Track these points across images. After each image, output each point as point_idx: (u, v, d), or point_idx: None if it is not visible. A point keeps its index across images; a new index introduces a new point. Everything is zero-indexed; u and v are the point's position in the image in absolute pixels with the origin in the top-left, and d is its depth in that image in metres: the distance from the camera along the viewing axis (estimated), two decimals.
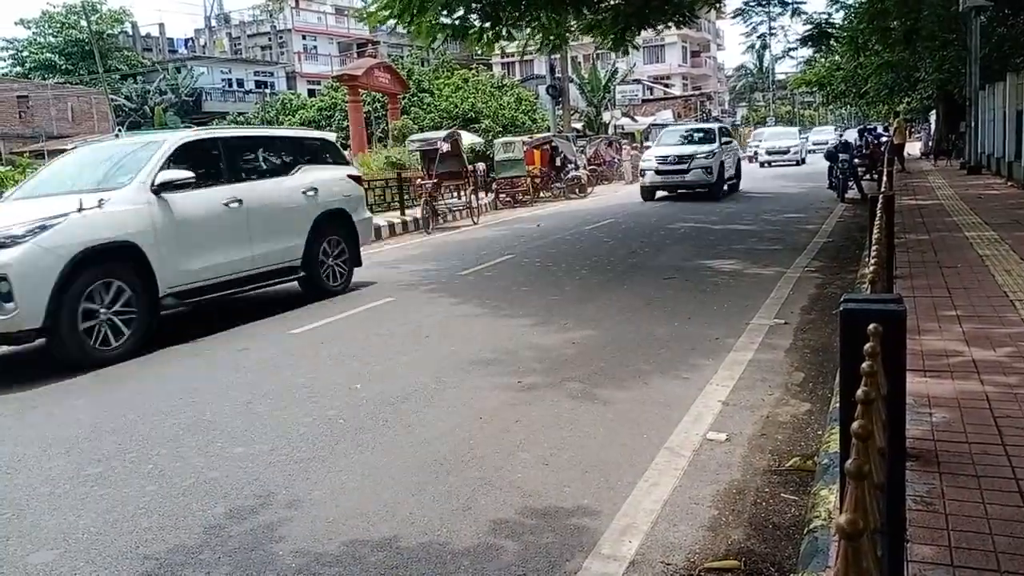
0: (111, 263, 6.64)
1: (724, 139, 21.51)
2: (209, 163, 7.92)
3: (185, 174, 7.31)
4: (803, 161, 35.59)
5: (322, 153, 9.69)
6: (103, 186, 7.09)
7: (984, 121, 19.98)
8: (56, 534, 3.48)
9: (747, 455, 4.00)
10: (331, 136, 10.57)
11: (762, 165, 35.75)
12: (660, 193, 21.05)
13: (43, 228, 6.20)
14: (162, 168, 7.26)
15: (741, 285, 8.57)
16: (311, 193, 8.94)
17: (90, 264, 6.41)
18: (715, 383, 5.16)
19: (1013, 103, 15.80)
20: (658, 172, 20.19)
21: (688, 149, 20.33)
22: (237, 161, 8.33)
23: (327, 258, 9.18)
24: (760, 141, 39.77)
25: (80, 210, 6.43)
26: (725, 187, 20.83)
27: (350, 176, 9.97)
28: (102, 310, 6.50)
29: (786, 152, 35.74)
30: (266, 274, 8.32)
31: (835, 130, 50.52)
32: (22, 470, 4.26)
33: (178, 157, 7.48)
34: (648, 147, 27.00)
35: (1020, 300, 5.72)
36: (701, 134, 21.66)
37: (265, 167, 8.76)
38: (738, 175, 22.64)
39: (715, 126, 23.11)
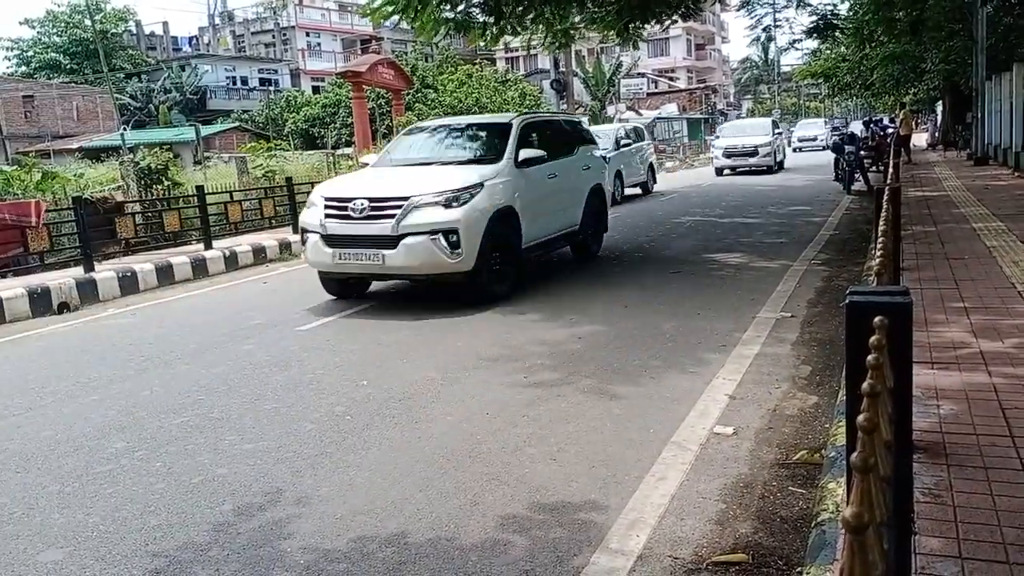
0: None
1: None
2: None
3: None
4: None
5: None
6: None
7: (991, 112, 19.88)
8: (65, 532, 3.50)
9: (754, 449, 3.99)
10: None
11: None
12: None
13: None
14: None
15: (747, 278, 8.56)
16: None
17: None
18: (722, 377, 5.16)
19: (1020, 93, 15.72)
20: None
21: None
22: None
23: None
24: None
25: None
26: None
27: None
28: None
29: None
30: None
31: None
32: (31, 468, 4.29)
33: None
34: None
35: None
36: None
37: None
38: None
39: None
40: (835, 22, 15.47)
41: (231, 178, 18.62)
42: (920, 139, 36.73)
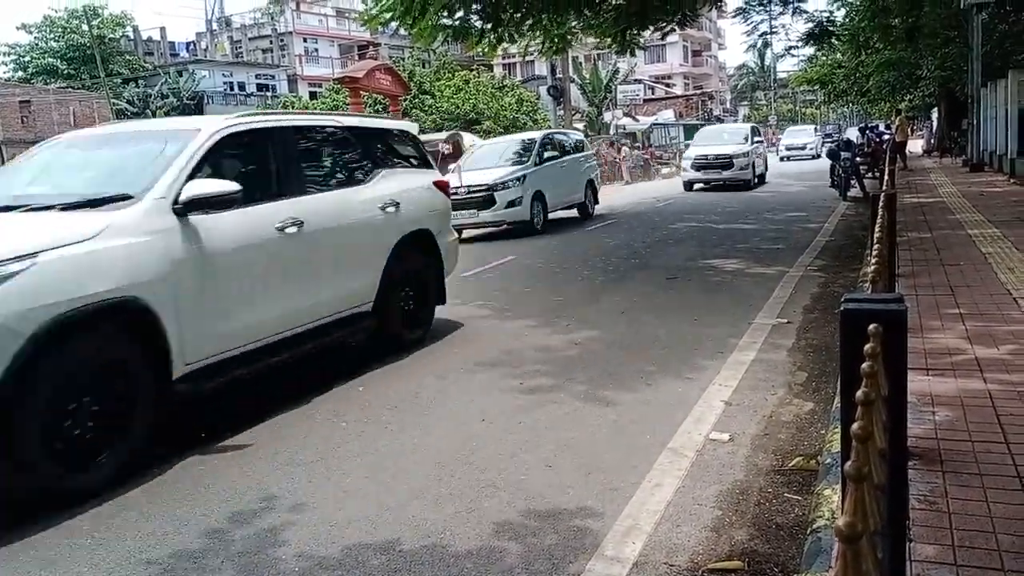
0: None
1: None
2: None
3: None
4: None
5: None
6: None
7: (986, 118, 19.95)
8: (56, 538, 3.49)
9: (750, 455, 3.99)
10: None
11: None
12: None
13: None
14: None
15: (744, 284, 8.56)
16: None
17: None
18: (718, 383, 5.15)
19: (1015, 100, 15.78)
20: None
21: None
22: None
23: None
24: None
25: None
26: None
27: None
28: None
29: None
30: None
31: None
32: None
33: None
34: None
35: (1023, 298, 5.71)
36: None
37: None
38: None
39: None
40: (831, 29, 15.54)
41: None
42: (916, 145, 36.83)
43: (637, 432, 4.37)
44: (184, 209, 4.56)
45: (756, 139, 24.18)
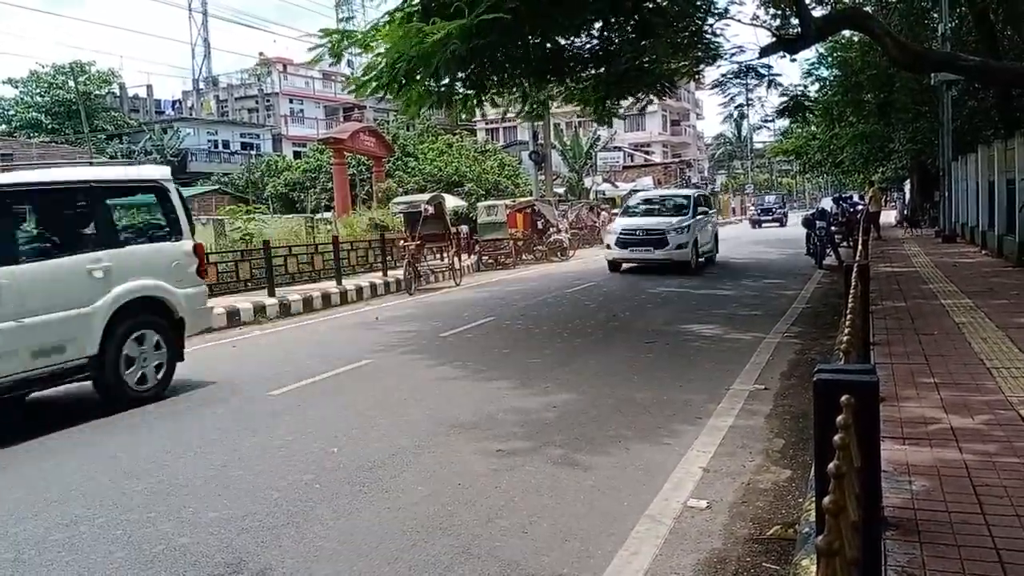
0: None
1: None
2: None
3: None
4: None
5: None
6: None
7: (958, 191, 20.43)
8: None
9: (728, 523, 3.96)
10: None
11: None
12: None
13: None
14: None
15: (721, 350, 8.60)
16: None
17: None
18: (696, 449, 5.13)
19: (985, 174, 16.20)
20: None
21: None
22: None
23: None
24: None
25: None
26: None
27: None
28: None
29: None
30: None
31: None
32: None
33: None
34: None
35: (997, 368, 5.77)
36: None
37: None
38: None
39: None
40: (805, 103, 15.98)
41: (208, 240, 18.58)
42: (889, 216, 37.54)
43: (614, 498, 4.32)
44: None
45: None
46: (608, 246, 19.01)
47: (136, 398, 7.08)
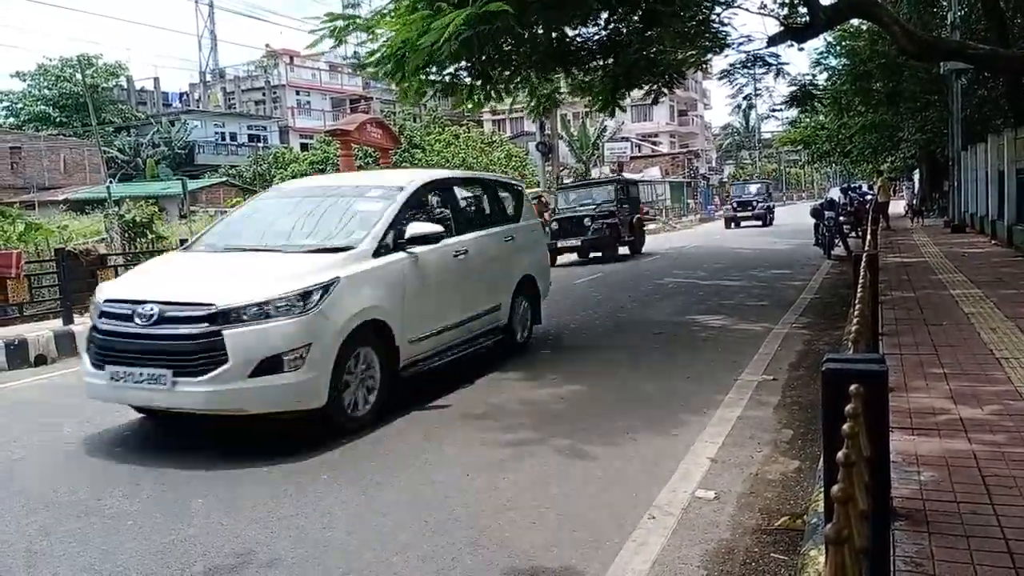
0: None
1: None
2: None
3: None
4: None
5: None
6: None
7: (967, 180, 20.32)
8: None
9: (736, 514, 3.96)
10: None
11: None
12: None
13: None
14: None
15: (729, 341, 8.59)
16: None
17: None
18: (704, 440, 5.13)
19: (995, 163, 16.11)
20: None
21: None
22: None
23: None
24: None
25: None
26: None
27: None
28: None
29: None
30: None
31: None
32: None
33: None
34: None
35: (1006, 358, 5.75)
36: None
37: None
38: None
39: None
40: (813, 92, 15.89)
41: None
42: (898, 206, 37.38)
43: (623, 489, 4.33)
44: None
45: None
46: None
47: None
